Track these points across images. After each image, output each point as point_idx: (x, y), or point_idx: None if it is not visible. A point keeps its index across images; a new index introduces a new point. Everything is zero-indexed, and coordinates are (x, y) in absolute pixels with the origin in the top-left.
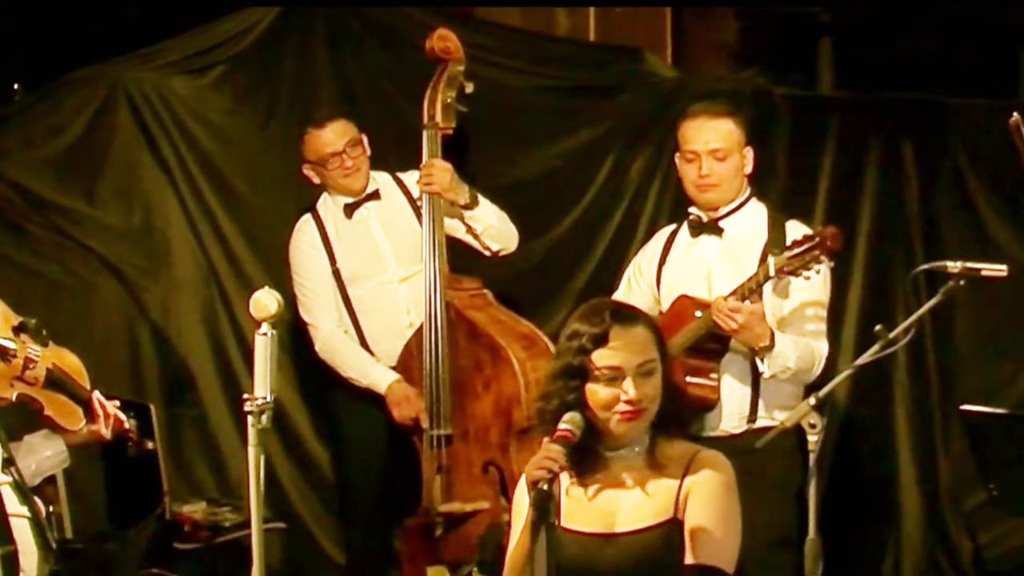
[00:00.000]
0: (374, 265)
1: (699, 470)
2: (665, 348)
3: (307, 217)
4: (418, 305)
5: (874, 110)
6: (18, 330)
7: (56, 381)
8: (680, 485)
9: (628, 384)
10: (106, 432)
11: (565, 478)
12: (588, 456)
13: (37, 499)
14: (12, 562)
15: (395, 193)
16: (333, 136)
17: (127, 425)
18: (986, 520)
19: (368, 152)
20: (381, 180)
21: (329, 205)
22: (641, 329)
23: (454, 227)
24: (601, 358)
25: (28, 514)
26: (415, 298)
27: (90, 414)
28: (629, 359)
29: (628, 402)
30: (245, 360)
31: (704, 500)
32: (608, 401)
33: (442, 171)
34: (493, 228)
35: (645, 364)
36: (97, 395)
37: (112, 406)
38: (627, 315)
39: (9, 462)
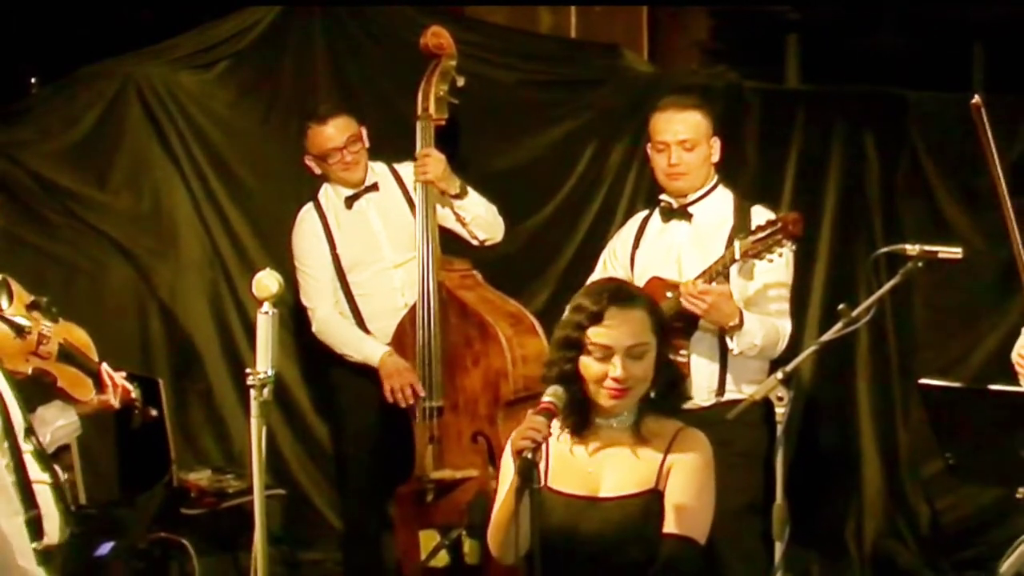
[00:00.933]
0: (372, 253)
1: (682, 447)
2: (664, 331)
3: (309, 207)
4: (411, 287)
5: (838, 102)
6: (31, 308)
7: (67, 355)
8: (663, 459)
9: (616, 363)
10: (114, 401)
11: (563, 437)
12: (581, 422)
13: (56, 466)
14: (37, 525)
15: (391, 185)
16: (334, 132)
17: (133, 395)
18: (943, 487)
19: (367, 145)
20: (379, 171)
21: (331, 196)
22: (637, 313)
23: (444, 216)
24: (595, 335)
25: (49, 480)
26: (409, 281)
27: (99, 385)
28: (620, 340)
29: (615, 379)
30: (248, 337)
31: (684, 475)
32: (598, 376)
33: (436, 161)
34: (481, 218)
35: (636, 347)
36: (105, 367)
37: (119, 377)
38: (625, 298)
39: (30, 431)
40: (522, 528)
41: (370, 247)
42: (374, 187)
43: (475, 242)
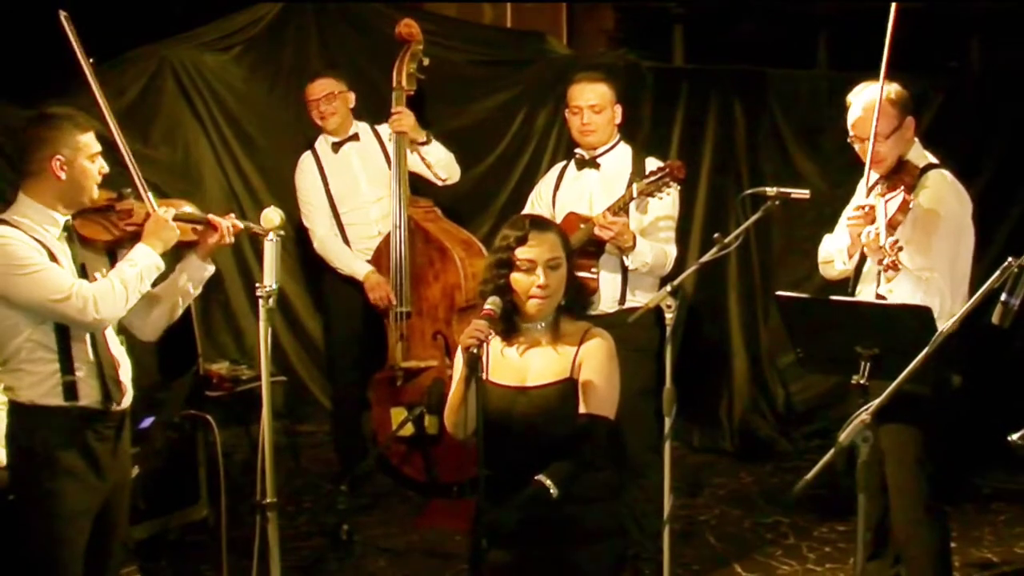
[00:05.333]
0: (354, 189)
1: (590, 344)
2: (571, 251)
3: (308, 153)
4: (384, 220)
5: (713, 78)
6: (117, 199)
7: (178, 218)
8: (576, 353)
9: (539, 273)
10: (229, 238)
11: (496, 343)
12: (511, 327)
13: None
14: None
15: (370, 138)
16: (313, 89)
17: (241, 225)
18: (794, 375)
19: (351, 105)
20: (361, 127)
21: (323, 143)
22: (551, 234)
23: (414, 162)
24: (521, 253)
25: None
26: (382, 214)
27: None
28: (541, 254)
29: (540, 287)
30: (257, 259)
31: (593, 365)
32: (526, 286)
33: (407, 115)
34: (442, 160)
35: (553, 259)
36: (211, 216)
37: (226, 220)
38: (542, 224)
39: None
40: (469, 411)
41: (352, 184)
42: (355, 137)
43: (439, 182)
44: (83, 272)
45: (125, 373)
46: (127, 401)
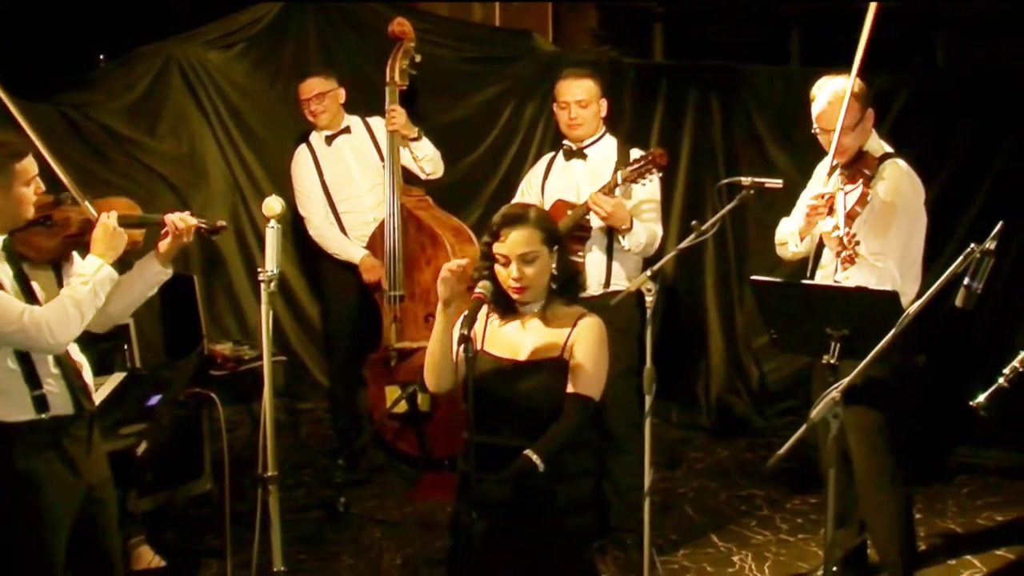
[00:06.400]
0: (347, 179)
1: (583, 327)
2: (557, 240)
3: (303, 146)
4: (377, 208)
5: (691, 74)
6: (52, 205)
7: (127, 223)
8: (568, 335)
9: (513, 268)
10: (187, 238)
11: (495, 318)
12: (509, 307)
13: None
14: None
15: (362, 131)
16: (303, 89)
17: (198, 223)
18: (768, 355)
19: (342, 101)
20: (353, 121)
21: (316, 137)
22: (524, 230)
23: (403, 156)
24: (497, 248)
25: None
26: (374, 202)
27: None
28: (513, 249)
29: (514, 279)
30: (259, 245)
31: (584, 348)
32: (504, 278)
33: (400, 114)
34: (429, 156)
35: (526, 254)
36: (167, 216)
37: (179, 218)
38: (514, 218)
39: None
40: (466, 383)
41: (346, 174)
42: (347, 130)
43: (423, 175)
44: (28, 290)
45: (87, 374)
46: (93, 402)
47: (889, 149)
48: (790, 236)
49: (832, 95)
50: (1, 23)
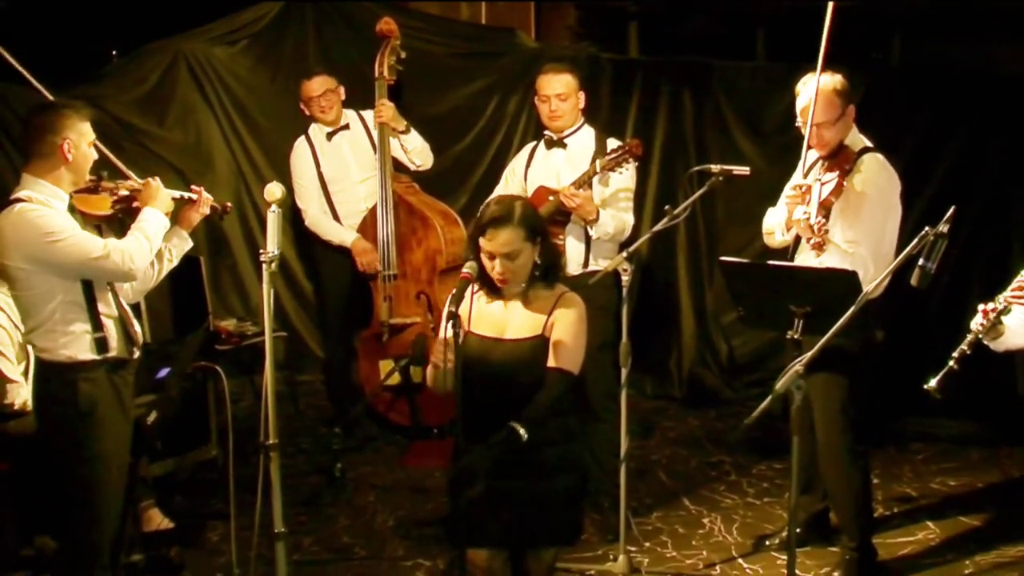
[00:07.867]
0: (344, 172)
1: (563, 306)
2: (540, 231)
3: (302, 139)
4: (370, 197)
5: (664, 69)
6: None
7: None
8: (550, 314)
9: (497, 263)
10: (205, 210)
11: (482, 297)
12: (495, 287)
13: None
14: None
15: (358, 125)
16: (315, 86)
17: (214, 202)
18: (736, 331)
19: (343, 97)
20: (350, 116)
21: (316, 131)
22: (507, 231)
23: (394, 147)
24: (483, 244)
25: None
26: (368, 193)
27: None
28: (497, 248)
29: (498, 273)
30: (261, 228)
31: (564, 325)
32: (489, 268)
33: (388, 108)
34: (418, 148)
35: (510, 253)
36: (199, 189)
37: (200, 194)
38: (499, 220)
39: None
40: (453, 359)
41: (343, 168)
42: (346, 127)
43: (412, 167)
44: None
45: (136, 324)
46: (140, 349)
47: (868, 143)
48: (776, 226)
49: (814, 91)
50: (22, 22)
